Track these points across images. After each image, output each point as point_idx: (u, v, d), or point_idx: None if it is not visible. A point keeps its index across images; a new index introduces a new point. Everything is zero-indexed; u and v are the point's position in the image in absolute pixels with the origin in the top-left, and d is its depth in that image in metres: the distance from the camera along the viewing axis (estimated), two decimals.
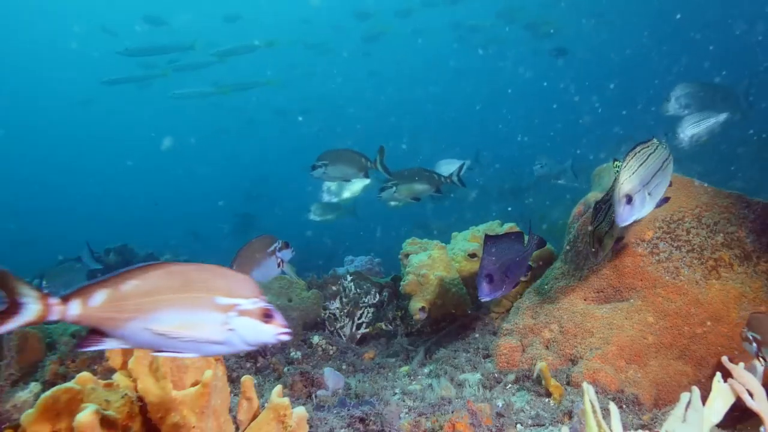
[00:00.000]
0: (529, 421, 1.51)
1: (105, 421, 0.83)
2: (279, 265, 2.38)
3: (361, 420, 1.50)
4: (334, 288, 2.85)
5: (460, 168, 3.33)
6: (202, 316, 0.88)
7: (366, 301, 2.75)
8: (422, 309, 2.59)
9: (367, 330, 2.75)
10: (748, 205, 1.98)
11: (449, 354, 2.21)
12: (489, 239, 1.76)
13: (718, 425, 1.23)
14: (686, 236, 1.93)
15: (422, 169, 3.32)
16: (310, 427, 1.42)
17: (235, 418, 1.08)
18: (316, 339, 2.48)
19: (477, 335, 2.47)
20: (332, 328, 2.70)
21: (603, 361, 1.75)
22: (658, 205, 1.60)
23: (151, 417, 0.92)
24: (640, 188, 1.51)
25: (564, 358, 1.89)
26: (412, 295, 2.64)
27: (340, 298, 2.75)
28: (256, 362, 2.33)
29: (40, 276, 3.63)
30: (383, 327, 2.75)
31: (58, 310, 0.83)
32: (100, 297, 0.85)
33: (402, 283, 2.68)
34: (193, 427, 0.93)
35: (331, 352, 2.44)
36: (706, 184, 2.10)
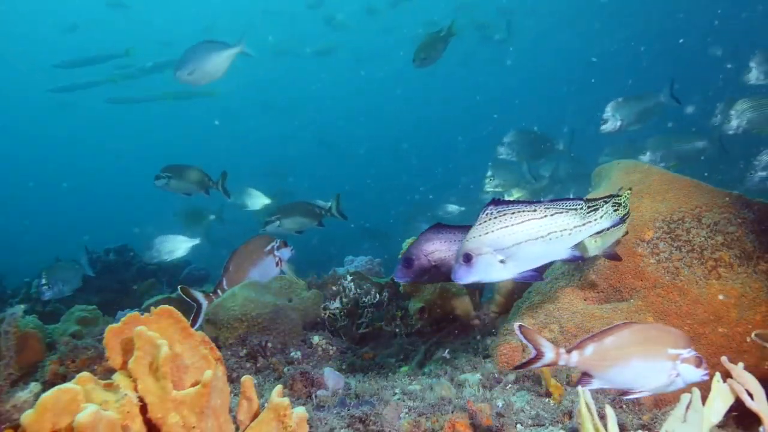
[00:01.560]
0: (529, 421, 1.51)
1: (105, 421, 0.83)
2: (277, 264, 2.38)
3: (361, 420, 1.50)
4: (334, 288, 2.85)
5: (338, 200, 3.43)
6: (660, 364, 1.20)
7: (366, 301, 2.75)
8: (422, 309, 2.59)
9: (367, 330, 2.75)
10: (748, 205, 1.98)
11: (449, 354, 2.21)
12: (437, 226, 1.65)
13: (718, 425, 1.23)
14: (686, 236, 1.93)
15: (305, 202, 3.47)
16: (310, 427, 1.42)
17: (235, 418, 1.08)
18: (316, 339, 2.48)
19: (477, 335, 2.47)
20: (332, 328, 2.70)
21: None
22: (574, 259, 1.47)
23: (151, 417, 0.92)
24: (488, 251, 1.38)
25: None
26: (412, 295, 2.64)
27: (340, 298, 2.76)
28: (256, 362, 2.33)
29: (39, 275, 3.65)
30: (383, 327, 2.75)
31: (564, 358, 1.21)
32: (590, 349, 1.21)
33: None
34: (193, 427, 0.93)
35: (331, 352, 2.44)
36: (705, 183, 2.10)
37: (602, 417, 1.02)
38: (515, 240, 1.38)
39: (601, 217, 1.43)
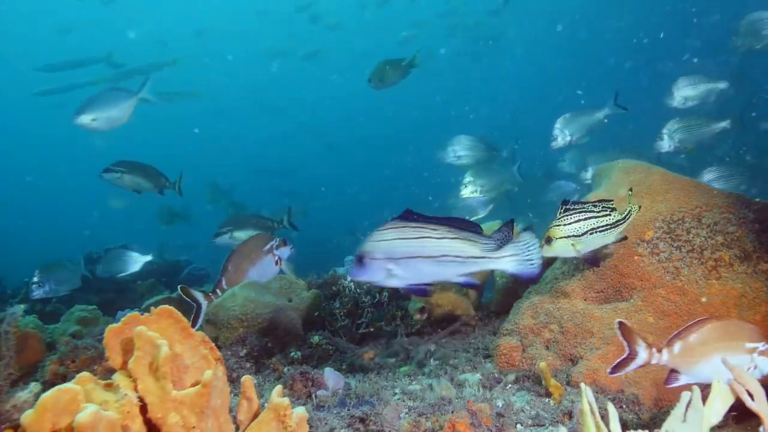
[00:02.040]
0: (529, 421, 1.51)
1: (105, 421, 0.83)
2: (277, 264, 2.37)
3: (361, 420, 1.50)
4: (334, 288, 2.85)
5: (289, 212, 3.52)
6: (739, 357, 1.25)
7: (366, 301, 2.74)
8: (422, 309, 2.59)
9: (367, 330, 2.75)
10: (748, 205, 1.98)
11: (449, 354, 2.21)
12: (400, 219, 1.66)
13: (718, 425, 1.23)
14: (686, 236, 1.93)
15: (255, 215, 3.54)
16: (310, 427, 1.42)
17: (235, 418, 1.08)
18: (316, 339, 2.48)
19: (477, 335, 2.47)
20: (332, 328, 2.70)
21: (603, 361, 1.75)
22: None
23: (151, 417, 0.92)
24: (380, 257, 1.43)
25: (564, 358, 1.89)
26: (412, 296, 2.64)
27: (340, 298, 2.75)
28: (256, 362, 2.33)
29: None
30: (383, 327, 2.75)
31: (656, 357, 1.28)
32: (677, 347, 1.28)
33: None
34: (193, 427, 0.93)
35: (331, 352, 2.44)
36: (705, 183, 2.10)
37: (603, 416, 1.02)
38: (407, 253, 1.41)
39: (503, 257, 1.42)
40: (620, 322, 1.27)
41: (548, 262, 2.44)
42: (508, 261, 1.41)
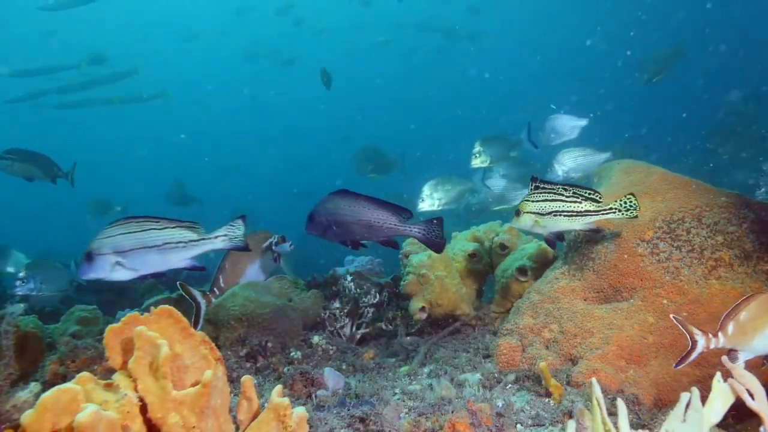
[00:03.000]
0: (529, 421, 1.51)
1: (105, 421, 0.83)
2: (276, 260, 2.37)
3: (361, 420, 1.50)
4: (334, 288, 2.85)
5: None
6: None
7: (366, 301, 2.74)
8: (422, 309, 2.59)
9: (367, 330, 2.75)
10: (748, 205, 1.98)
11: (449, 354, 2.21)
12: (342, 191, 1.79)
13: (718, 425, 1.23)
14: (686, 236, 1.93)
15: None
16: (310, 427, 1.42)
17: (235, 418, 1.08)
18: (316, 339, 2.48)
19: (477, 335, 2.47)
20: (332, 328, 2.70)
21: (603, 361, 1.75)
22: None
23: (151, 417, 0.92)
24: (107, 252, 1.57)
25: (564, 358, 1.89)
26: (412, 295, 2.64)
27: (340, 298, 2.75)
28: (256, 362, 2.33)
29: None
30: (383, 327, 2.74)
31: (714, 341, 1.30)
32: (731, 327, 1.29)
33: (402, 283, 2.68)
34: (193, 427, 0.93)
35: (331, 352, 2.44)
36: (705, 183, 2.10)
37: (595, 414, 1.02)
38: (132, 245, 1.56)
39: (217, 237, 1.64)
40: (675, 317, 1.33)
41: (544, 263, 2.45)
42: (221, 240, 1.65)
